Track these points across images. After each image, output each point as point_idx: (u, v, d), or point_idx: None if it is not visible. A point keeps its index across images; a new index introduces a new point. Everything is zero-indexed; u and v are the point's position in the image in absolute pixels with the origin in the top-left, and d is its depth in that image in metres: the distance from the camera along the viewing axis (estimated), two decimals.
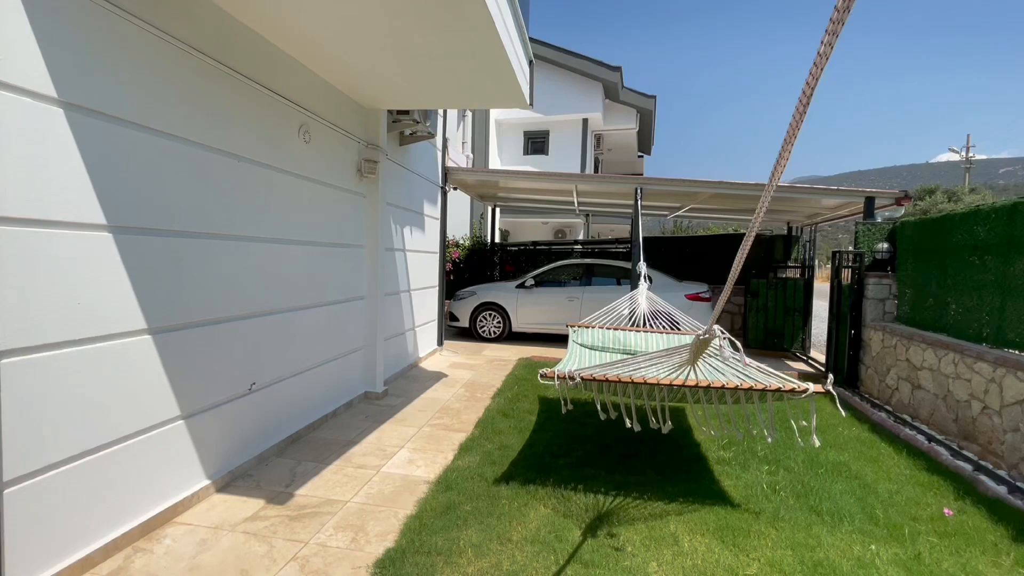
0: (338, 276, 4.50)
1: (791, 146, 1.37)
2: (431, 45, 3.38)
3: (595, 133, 17.43)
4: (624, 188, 7.91)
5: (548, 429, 4.26)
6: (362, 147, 4.88)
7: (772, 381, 2.70)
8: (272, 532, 2.61)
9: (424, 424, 4.34)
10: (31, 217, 2.00)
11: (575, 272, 8.84)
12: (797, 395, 2.60)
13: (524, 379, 5.91)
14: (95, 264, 2.28)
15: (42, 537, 2.07)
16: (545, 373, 3.01)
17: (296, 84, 3.77)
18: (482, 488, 3.13)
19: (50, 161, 2.07)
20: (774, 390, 2.63)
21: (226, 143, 3.07)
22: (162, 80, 2.60)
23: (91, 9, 2.21)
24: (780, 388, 2.61)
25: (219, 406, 3.07)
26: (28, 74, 1.97)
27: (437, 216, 7.39)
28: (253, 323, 3.36)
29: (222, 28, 3.00)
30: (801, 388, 2.58)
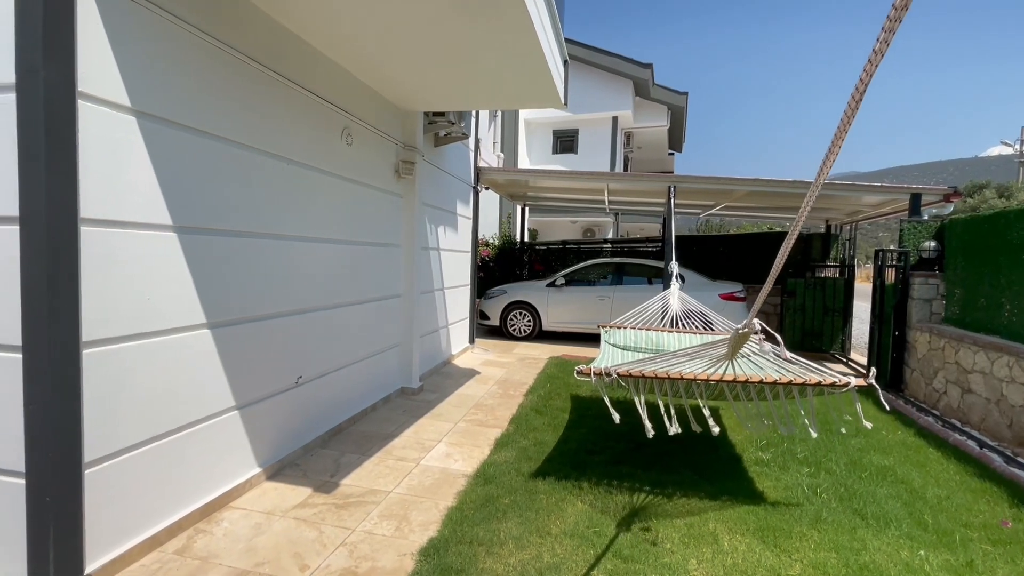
0: (377, 274, 4.64)
1: (839, 147, 1.37)
2: (469, 48, 3.45)
3: (625, 131, 17.27)
4: (656, 186, 7.85)
5: (582, 426, 4.28)
6: (400, 148, 5.00)
7: (812, 375, 2.69)
8: (321, 519, 2.73)
9: (460, 420, 4.43)
10: (108, 218, 2.15)
11: (605, 271, 8.81)
12: (838, 389, 2.59)
13: (556, 377, 5.94)
14: (162, 262, 2.43)
15: (116, 516, 2.22)
16: (581, 370, 3.04)
17: (339, 88, 3.90)
18: (519, 482, 3.19)
19: (124, 166, 2.22)
20: (814, 384, 2.62)
21: (276, 147, 3.21)
22: (221, 88, 2.75)
23: (160, 24, 2.36)
24: (821, 382, 2.61)
25: (269, 398, 3.22)
26: (107, 86, 2.13)
27: (469, 216, 7.49)
28: (299, 319, 3.51)
29: (274, 37, 3.14)
30: (842, 382, 2.57)
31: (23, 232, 1.91)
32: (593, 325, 8.28)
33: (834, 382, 2.57)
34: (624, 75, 15.39)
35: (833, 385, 2.58)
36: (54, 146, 1.91)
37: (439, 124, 5.64)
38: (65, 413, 1.97)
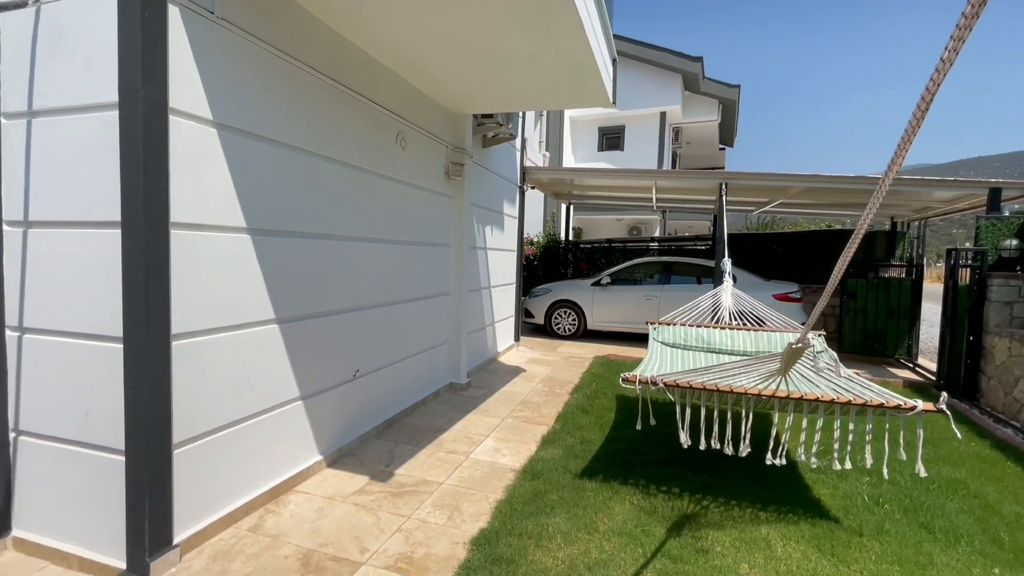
0: (428, 273, 4.79)
1: (909, 144, 1.33)
2: (520, 51, 3.51)
3: (673, 126, 16.89)
4: (707, 183, 7.65)
5: (629, 427, 4.27)
6: (449, 151, 5.14)
7: (873, 396, 2.54)
8: (378, 506, 2.88)
9: (506, 416, 4.51)
10: (193, 222, 2.36)
11: (653, 270, 8.68)
12: (903, 412, 2.44)
13: (601, 377, 5.93)
14: (238, 262, 2.63)
15: (199, 493, 2.44)
16: (627, 377, 3.03)
17: (394, 94, 4.06)
18: (567, 479, 3.24)
19: (206, 174, 2.43)
20: (876, 406, 2.47)
21: (337, 152, 3.39)
22: (288, 98, 2.94)
23: (236, 41, 2.55)
24: (883, 404, 2.46)
25: (329, 390, 3.41)
26: (192, 101, 2.33)
27: (515, 215, 7.57)
28: (357, 316, 3.68)
29: (336, 48, 3.32)
30: (908, 405, 2.40)
31: (124, 235, 2.13)
32: (639, 325, 8.20)
33: (898, 405, 2.41)
34: (672, 69, 15.05)
35: (898, 408, 2.41)
36: (150, 157, 2.12)
37: (487, 126, 5.74)
38: (158, 398, 2.19)
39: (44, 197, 2.30)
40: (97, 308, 2.21)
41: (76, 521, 2.33)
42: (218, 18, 2.43)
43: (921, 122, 1.21)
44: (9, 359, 2.40)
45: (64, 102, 2.24)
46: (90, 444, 2.27)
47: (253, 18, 2.64)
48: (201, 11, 2.34)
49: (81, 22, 2.19)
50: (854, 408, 2.53)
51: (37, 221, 2.31)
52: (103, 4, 2.13)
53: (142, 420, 2.14)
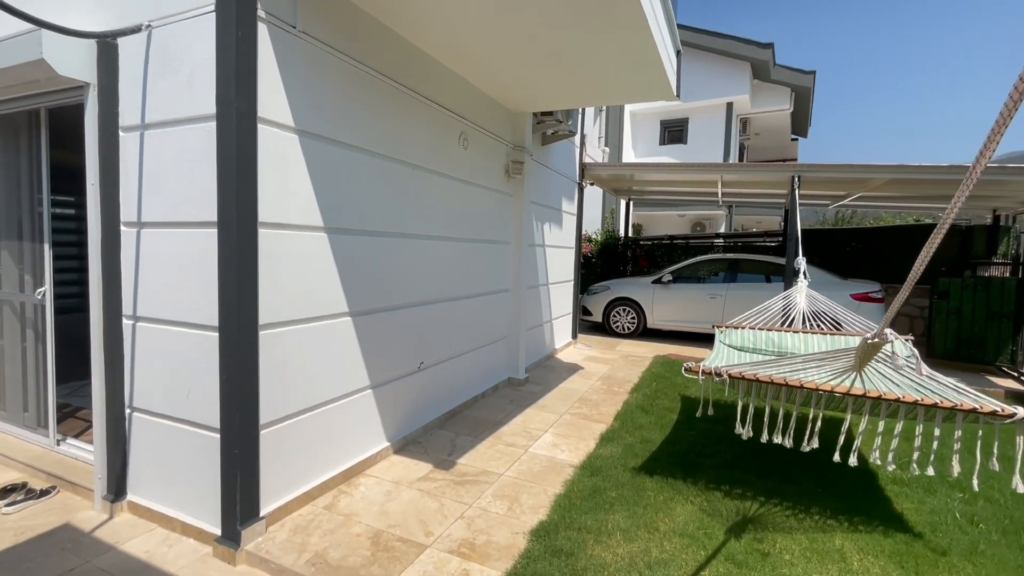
0: (488, 270, 4.89)
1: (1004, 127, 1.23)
2: (581, 48, 3.51)
3: (741, 117, 16.13)
4: (778, 176, 7.26)
5: (691, 428, 4.17)
6: (509, 149, 5.21)
7: (964, 399, 2.33)
8: (441, 492, 3.00)
9: (564, 412, 4.53)
10: (278, 222, 2.56)
11: (718, 268, 8.36)
12: (999, 419, 2.21)
13: (662, 376, 5.81)
14: (315, 259, 2.83)
15: (282, 471, 2.65)
16: (690, 367, 2.99)
17: (457, 96, 4.18)
18: (626, 478, 3.22)
19: (288, 176, 2.63)
20: (967, 410, 2.26)
21: (403, 153, 3.54)
22: (359, 103, 3.11)
23: (315, 52, 2.74)
24: (976, 408, 2.24)
25: (396, 380, 3.58)
26: (277, 110, 2.53)
27: (574, 212, 7.55)
28: (421, 310, 3.84)
29: (403, 54, 3.47)
30: (1006, 412, 2.18)
31: (220, 234, 2.35)
32: (702, 324, 7.94)
33: (994, 411, 2.19)
34: (740, 57, 14.37)
35: (993, 415, 2.19)
36: (242, 163, 2.33)
37: (547, 123, 5.76)
38: (248, 383, 2.40)
39: (154, 200, 2.58)
40: (197, 300, 2.46)
41: (179, 490, 2.61)
42: (300, 32, 2.62)
43: (1019, 103, 1.12)
44: (124, 344, 2.72)
45: (170, 115, 2.50)
46: (191, 421, 2.54)
47: (329, 30, 2.82)
48: (285, 27, 2.54)
49: (184, 43, 2.44)
50: (941, 412, 2.34)
51: (148, 222, 2.60)
52: (203, 25, 2.36)
53: (234, 402, 2.36)
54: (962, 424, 2.33)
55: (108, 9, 2.67)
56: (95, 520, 2.67)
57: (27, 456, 3.23)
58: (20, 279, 3.42)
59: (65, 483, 2.96)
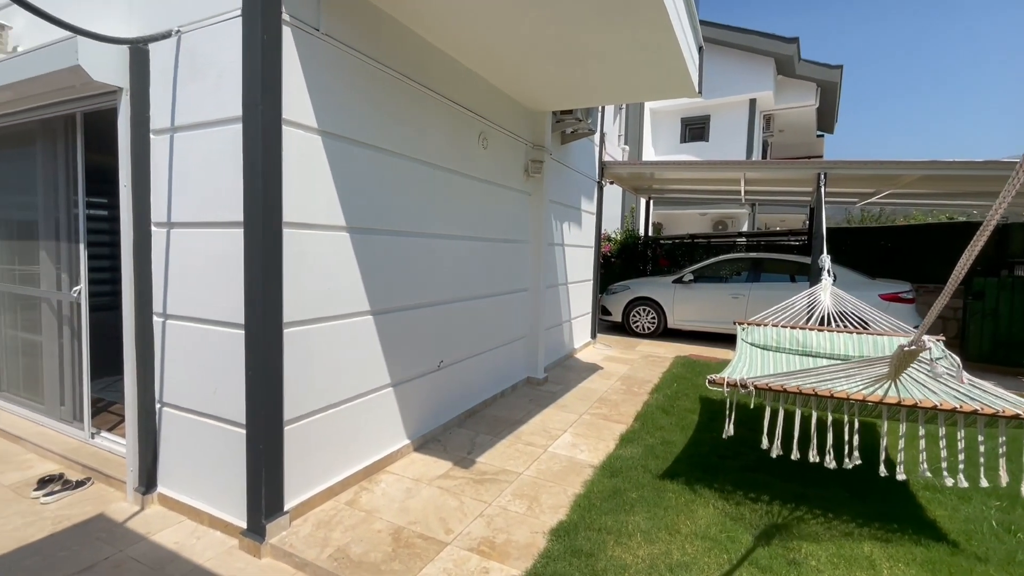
0: (507, 269, 4.90)
1: None
2: (602, 46, 3.48)
3: (764, 113, 15.84)
4: (803, 174, 7.10)
5: (712, 430, 4.11)
6: (529, 148, 5.20)
7: (1007, 405, 2.24)
8: (461, 490, 3.01)
9: (584, 412, 4.51)
10: (302, 221, 2.60)
11: (740, 267, 8.22)
12: None
13: (683, 377, 5.73)
14: (337, 258, 2.87)
15: (305, 467, 2.70)
16: (713, 379, 2.90)
17: (476, 95, 4.19)
18: (647, 479, 3.19)
19: (312, 177, 2.67)
20: (1010, 417, 2.18)
21: (424, 153, 3.57)
22: (381, 104, 3.14)
23: (337, 54, 2.78)
24: (1020, 415, 2.16)
25: (416, 379, 3.61)
26: (301, 112, 2.57)
27: (593, 211, 7.50)
28: (441, 309, 3.86)
29: (423, 54, 3.49)
30: None
31: (246, 234, 2.40)
32: (724, 325, 7.82)
33: None
34: (764, 53, 14.09)
35: None
36: (267, 164, 2.37)
37: (566, 122, 5.73)
38: (273, 380, 2.45)
39: (183, 201, 2.65)
40: (223, 298, 2.52)
41: (206, 483, 2.67)
42: (323, 34, 2.66)
43: None
44: (155, 341, 2.80)
45: (198, 118, 2.56)
46: (217, 417, 2.60)
47: (351, 32, 2.85)
48: (308, 29, 2.58)
49: (212, 47, 2.49)
50: (982, 419, 2.25)
51: (177, 222, 2.67)
52: (230, 30, 2.41)
53: (259, 398, 2.41)
54: (1005, 430, 2.25)
55: (140, 16, 2.75)
56: (127, 511, 2.75)
57: (64, 448, 3.35)
58: (57, 278, 3.54)
59: (99, 475, 3.06)
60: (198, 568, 2.31)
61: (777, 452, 2.69)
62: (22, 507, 2.76)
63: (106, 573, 2.25)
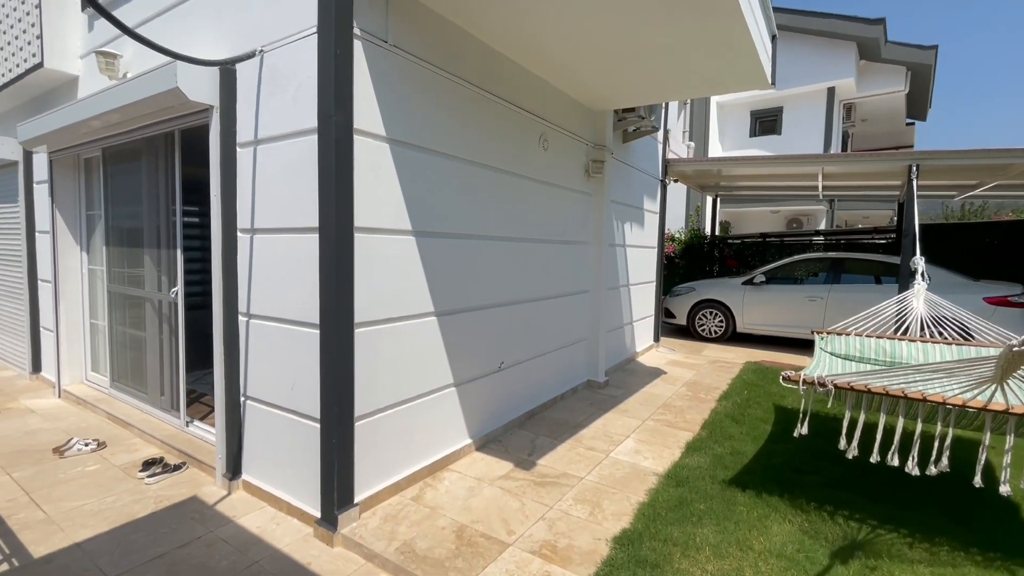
0: (567, 271, 4.86)
1: None
2: (669, 41, 3.38)
3: (844, 103, 14.74)
4: (891, 166, 6.52)
5: (787, 441, 3.86)
6: (589, 148, 5.14)
7: None
8: (522, 492, 3.02)
9: (647, 418, 4.39)
10: (371, 226, 2.72)
11: (818, 267, 7.68)
12: None
13: (754, 384, 5.44)
14: (404, 261, 2.97)
15: (373, 461, 2.81)
16: (788, 376, 2.76)
17: (537, 98, 4.19)
18: (715, 490, 3.05)
19: (380, 183, 2.78)
20: None
21: (486, 157, 3.62)
22: (445, 110, 3.21)
23: (404, 64, 2.87)
24: None
25: (478, 379, 3.67)
26: (370, 121, 2.68)
27: (656, 210, 7.29)
28: (502, 311, 3.89)
29: (484, 59, 3.54)
30: None
31: (321, 238, 2.54)
32: (799, 330, 7.34)
33: None
34: (845, 37, 13.09)
35: None
36: (340, 172, 2.50)
37: (628, 120, 5.61)
38: (345, 377, 2.57)
39: (264, 208, 2.84)
40: (300, 299, 2.68)
41: (285, 472, 2.85)
42: (391, 46, 2.77)
43: None
44: (240, 339, 3.03)
45: (278, 131, 2.74)
46: (295, 411, 2.76)
47: (416, 41, 2.94)
48: (378, 41, 2.69)
49: (290, 64, 2.66)
50: None
51: (260, 228, 2.87)
52: (306, 47, 2.56)
53: (332, 394, 2.54)
54: None
55: (228, 39, 2.98)
56: (216, 495, 2.99)
57: (163, 434, 3.69)
58: (158, 279, 3.92)
59: (193, 460, 3.35)
60: (278, 553, 2.47)
61: (853, 454, 2.49)
62: (130, 486, 3.08)
63: (200, 551, 2.46)
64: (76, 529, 2.62)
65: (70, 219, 4.68)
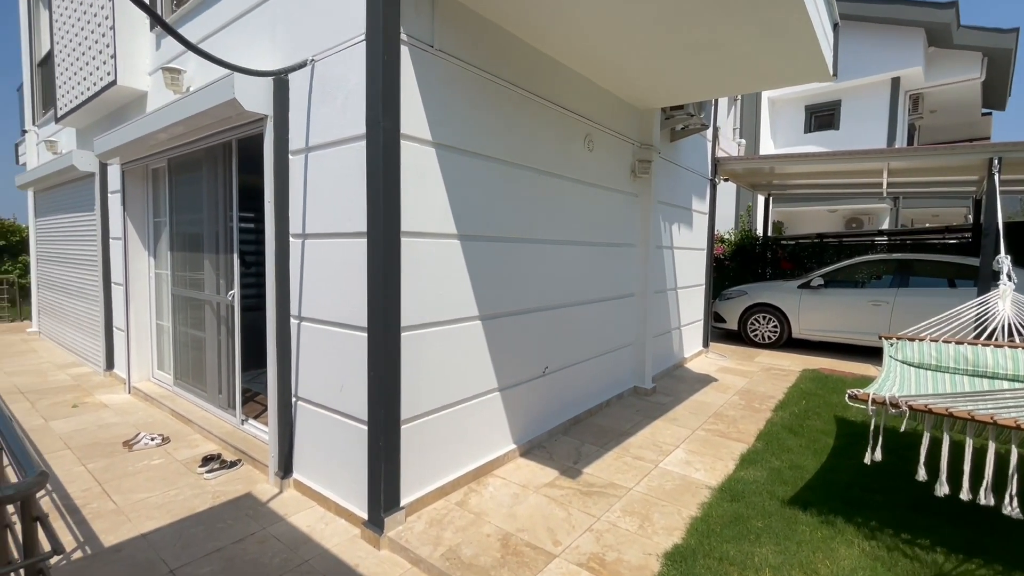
0: (612, 274, 4.75)
1: None
2: (723, 34, 3.23)
3: (911, 93, 13.80)
4: (967, 160, 6.01)
5: (853, 455, 3.60)
6: (636, 148, 5.01)
7: None
8: (568, 501, 2.95)
9: (697, 427, 4.21)
10: (417, 230, 2.72)
11: (882, 269, 7.20)
12: None
13: (813, 394, 5.13)
14: (450, 265, 2.96)
15: (419, 465, 2.81)
16: (855, 394, 2.55)
17: (582, 98, 4.11)
18: (774, 507, 2.87)
19: (426, 187, 2.78)
20: None
21: (529, 159, 3.57)
22: (488, 113, 3.19)
23: (450, 69, 2.87)
24: None
25: (522, 384, 3.62)
26: (417, 126, 2.69)
27: (705, 211, 7.03)
28: (545, 315, 3.83)
29: (529, 61, 3.50)
30: None
31: (369, 243, 2.56)
32: (861, 336, 6.90)
33: None
34: (911, 23, 12.25)
35: None
36: (387, 177, 2.52)
37: (676, 118, 5.44)
38: (391, 380, 2.59)
39: (315, 214, 2.91)
40: (349, 303, 2.72)
41: (333, 473, 2.90)
42: (436, 50, 2.77)
43: None
44: (292, 341, 3.11)
45: (328, 138, 2.80)
46: (343, 413, 2.81)
47: (461, 45, 2.94)
48: (424, 47, 2.70)
49: (340, 71, 2.71)
50: None
51: (310, 233, 2.94)
52: (355, 54, 2.60)
53: (379, 397, 2.56)
54: None
55: (281, 50, 3.08)
56: (269, 492, 3.08)
57: (221, 431, 3.85)
58: (216, 283, 4.10)
59: (247, 457, 3.47)
60: (327, 553, 2.50)
61: (944, 492, 2.28)
62: (191, 480, 3.21)
63: (254, 547, 2.53)
64: (142, 520, 2.75)
65: (139, 226, 4.99)
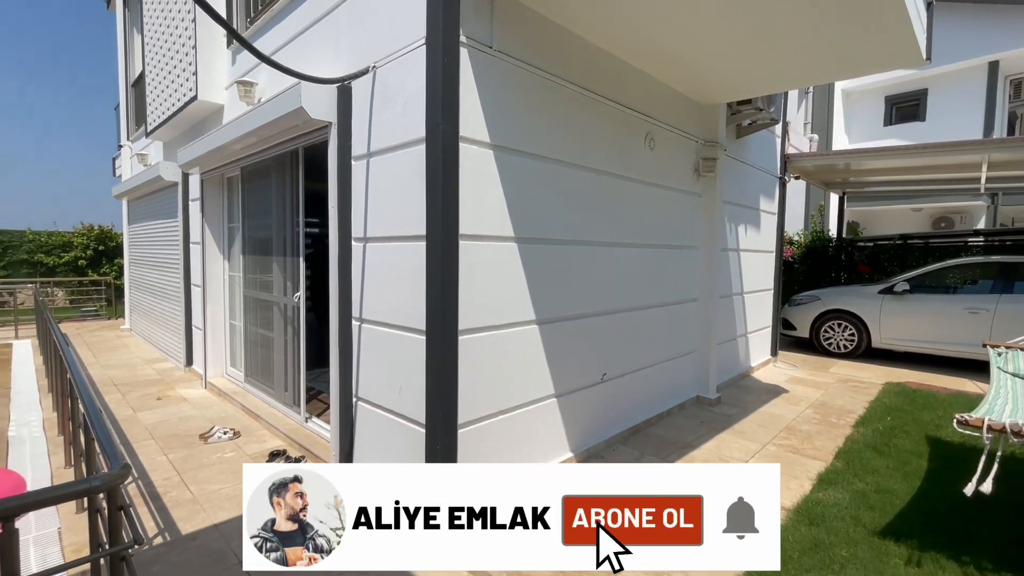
0: (674, 277, 4.54)
1: None
2: (799, 17, 3.00)
3: (1011, 79, 12.47)
4: None
5: (950, 480, 3.22)
6: (699, 146, 4.78)
7: None
8: None
9: (768, 442, 3.93)
10: (474, 233, 2.70)
11: (981, 273, 6.50)
12: None
13: (899, 409, 4.67)
14: (505, 267, 2.92)
15: None
16: (966, 420, 2.24)
17: (642, 95, 3.96)
18: (860, 535, 2.61)
19: (483, 189, 2.75)
20: None
21: (588, 159, 3.47)
22: (546, 113, 3.13)
23: (507, 69, 2.83)
24: None
25: (579, 390, 3.52)
26: (476, 128, 2.67)
27: (774, 211, 6.62)
28: (603, 319, 3.71)
29: (588, 57, 3.40)
30: None
31: (428, 246, 2.56)
32: (956, 347, 6.25)
33: None
34: (1012, 1, 11.06)
35: None
36: (446, 180, 2.51)
37: (743, 113, 5.15)
38: (449, 384, 2.57)
39: (376, 218, 2.95)
40: (408, 305, 2.73)
41: None
42: (495, 51, 2.74)
43: None
44: (353, 342, 3.17)
45: (389, 143, 2.83)
46: (401, 415, 2.82)
47: (520, 45, 2.89)
48: (482, 48, 2.67)
49: (400, 76, 2.73)
50: None
51: (372, 237, 2.99)
52: (415, 59, 2.62)
53: (437, 400, 2.55)
54: None
55: (344, 58, 3.16)
56: None
57: (286, 428, 4.00)
58: (284, 285, 4.28)
59: (310, 454, 3.57)
60: None
61: None
62: None
63: None
64: (215, 511, 2.88)
65: (216, 231, 5.31)
